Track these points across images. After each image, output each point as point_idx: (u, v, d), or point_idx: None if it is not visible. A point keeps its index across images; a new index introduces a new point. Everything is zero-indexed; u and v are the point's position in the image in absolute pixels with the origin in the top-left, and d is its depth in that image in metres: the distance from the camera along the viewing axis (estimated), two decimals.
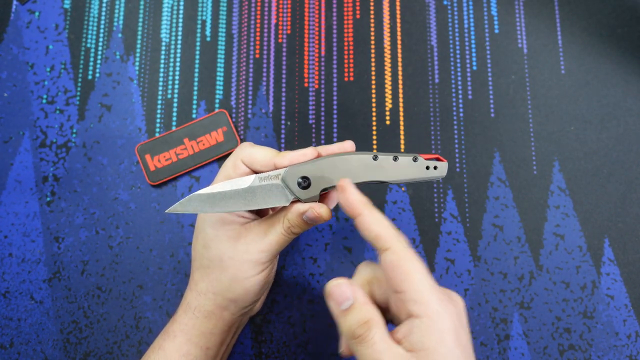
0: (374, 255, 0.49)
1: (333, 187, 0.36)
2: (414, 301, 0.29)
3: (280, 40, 0.54)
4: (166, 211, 0.36)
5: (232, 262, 0.37)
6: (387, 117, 0.51)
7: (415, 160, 0.36)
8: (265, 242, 0.37)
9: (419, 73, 0.53)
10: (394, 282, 0.30)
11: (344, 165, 0.36)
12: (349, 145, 0.38)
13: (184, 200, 0.36)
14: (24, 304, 0.48)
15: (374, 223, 0.32)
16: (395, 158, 0.36)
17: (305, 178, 0.36)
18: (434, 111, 0.52)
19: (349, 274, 0.48)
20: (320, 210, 0.35)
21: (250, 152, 0.37)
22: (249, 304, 0.40)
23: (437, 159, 0.36)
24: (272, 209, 0.44)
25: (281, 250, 0.38)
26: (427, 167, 0.36)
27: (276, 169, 0.37)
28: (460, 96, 0.52)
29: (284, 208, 0.37)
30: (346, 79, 0.52)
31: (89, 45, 0.53)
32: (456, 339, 0.28)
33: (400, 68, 0.53)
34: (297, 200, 0.36)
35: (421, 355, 0.28)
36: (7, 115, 0.52)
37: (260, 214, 0.42)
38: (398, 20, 0.54)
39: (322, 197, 0.39)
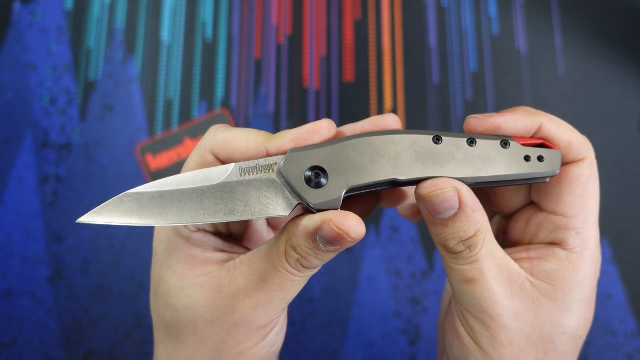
0: (373, 254, 0.49)
1: (370, 188, 0.22)
2: (577, 232, 0.23)
3: (280, 41, 0.54)
4: (78, 221, 0.22)
5: (212, 330, 0.23)
6: None
7: (505, 145, 0.22)
8: (261, 291, 0.22)
9: (418, 74, 0.53)
10: (563, 202, 0.23)
11: (385, 150, 0.21)
12: (391, 121, 0.23)
13: (110, 203, 0.22)
14: (26, 303, 0.49)
15: (562, 128, 0.23)
16: (472, 141, 0.22)
17: (318, 170, 0.22)
18: (433, 112, 0.52)
19: (348, 272, 0.49)
20: (345, 224, 0.20)
21: (226, 138, 0.23)
22: None
23: (543, 145, 0.23)
24: (269, 226, 0.30)
25: (294, 297, 0.24)
26: (527, 158, 0.23)
27: (269, 156, 0.23)
28: (459, 97, 0.52)
29: (285, 225, 0.23)
30: (346, 80, 0.53)
31: (90, 46, 0.54)
32: (591, 292, 0.23)
33: (400, 69, 0.53)
34: (305, 207, 0.22)
35: (543, 288, 0.23)
36: (9, 115, 0.52)
37: (249, 241, 0.28)
38: (398, 22, 0.54)
39: (355, 201, 0.25)
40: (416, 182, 0.22)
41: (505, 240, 0.27)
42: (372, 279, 0.48)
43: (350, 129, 0.23)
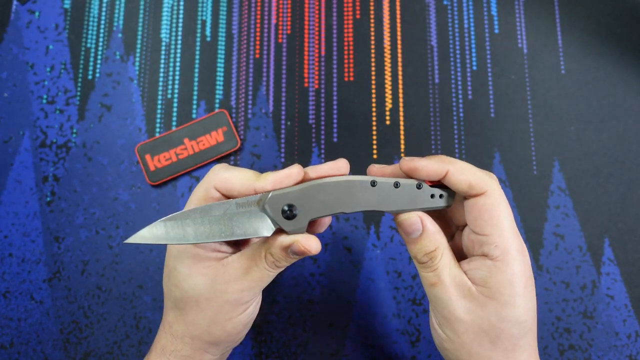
0: (373, 255, 0.49)
1: (326, 216, 0.32)
2: (495, 246, 0.30)
3: (280, 40, 0.54)
4: (125, 242, 0.31)
5: (209, 304, 0.32)
6: (387, 117, 0.51)
7: (419, 187, 0.32)
8: (246, 280, 0.32)
9: (419, 73, 0.52)
10: (479, 225, 0.31)
11: (336, 192, 0.31)
12: (342, 165, 0.32)
13: (147, 229, 0.31)
14: (24, 304, 0.48)
15: (463, 174, 0.31)
16: (397, 184, 0.32)
17: (290, 206, 0.31)
18: (434, 111, 0.52)
19: (348, 274, 0.48)
20: (308, 244, 0.30)
21: (226, 177, 0.32)
22: (232, 345, 0.36)
23: (444, 187, 0.33)
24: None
25: (266, 285, 0.34)
26: (432, 196, 0.32)
27: (257, 194, 0.32)
28: (460, 96, 0.52)
29: (266, 238, 0.32)
30: (346, 79, 0.53)
31: (89, 45, 0.53)
32: (524, 285, 0.30)
33: (400, 68, 0.53)
34: (281, 230, 0.31)
35: (481, 290, 0.30)
36: (7, 115, 0.52)
37: (238, 245, 0.37)
38: (398, 20, 0.54)
39: (311, 223, 0.34)
40: (358, 212, 0.33)
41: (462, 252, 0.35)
42: (373, 280, 0.48)
43: (314, 171, 0.32)
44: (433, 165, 0.31)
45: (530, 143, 0.50)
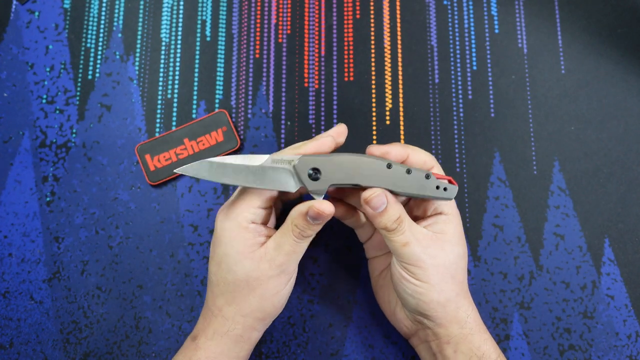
0: None
1: (344, 185, 0.37)
2: (448, 205, 0.40)
3: (280, 40, 0.54)
4: (175, 170, 0.37)
5: (258, 282, 0.38)
6: (387, 117, 0.51)
7: (427, 177, 0.37)
8: (283, 255, 0.37)
9: (419, 73, 0.52)
10: None
11: (357, 166, 0.36)
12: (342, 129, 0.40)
13: (195, 164, 0.37)
14: (23, 304, 0.48)
15: (420, 155, 0.39)
16: (409, 171, 0.37)
17: (316, 170, 0.36)
18: (434, 111, 0.52)
19: (348, 274, 0.48)
20: (321, 207, 0.36)
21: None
22: (274, 318, 0.41)
23: (449, 181, 0.38)
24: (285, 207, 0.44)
25: (301, 256, 0.39)
26: (437, 187, 0.37)
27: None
28: (460, 96, 0.52)
29: (289, 215, 0.38)
30: (346, 78, 0.52)
31: (88, 45, 0.53)
32: (462, 232, 0.41)
33: (400, 68, 0.53)
34: (304, 190, 0.37)
35: (440, 236, 0.38)
36: (6, 115, 0.52)
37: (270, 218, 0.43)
38: (398, 20, 0.54)
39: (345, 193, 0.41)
40: (371, 187, 0.36)
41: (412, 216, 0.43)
42: None
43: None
44: (399, 150, 0.39)
45: (530, 143, 0.50)
